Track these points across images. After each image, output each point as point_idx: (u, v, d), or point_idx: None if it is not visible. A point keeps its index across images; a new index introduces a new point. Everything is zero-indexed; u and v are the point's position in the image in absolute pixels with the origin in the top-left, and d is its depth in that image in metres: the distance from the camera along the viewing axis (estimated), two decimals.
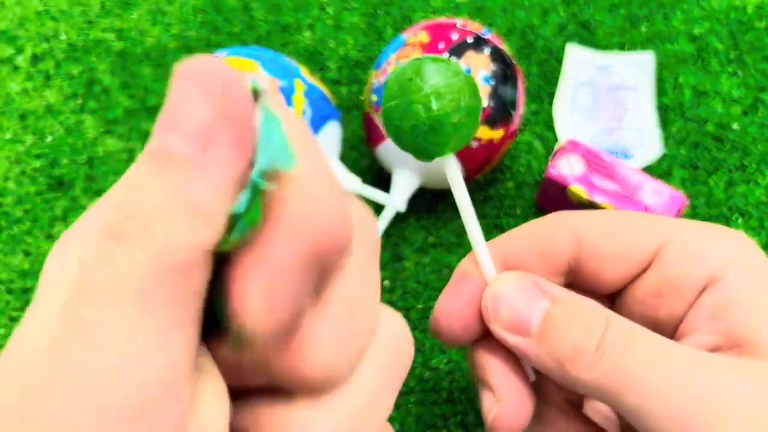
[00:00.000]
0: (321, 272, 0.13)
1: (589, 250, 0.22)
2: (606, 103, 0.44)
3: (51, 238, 0.40)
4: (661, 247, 0.21)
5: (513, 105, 0.36)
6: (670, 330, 0.22)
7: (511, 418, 0.21)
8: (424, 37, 0.36)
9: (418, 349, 0.36)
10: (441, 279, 0.39)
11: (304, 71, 0.37)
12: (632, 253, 0.22)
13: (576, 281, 0.23)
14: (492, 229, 0.40)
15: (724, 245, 0.21)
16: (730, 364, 0.19)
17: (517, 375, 0.22)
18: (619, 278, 0.22)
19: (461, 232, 0.40)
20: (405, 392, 0.35)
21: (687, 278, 0.21)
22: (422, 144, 0.21)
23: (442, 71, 0.20)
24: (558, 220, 0.23)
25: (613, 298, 0.23)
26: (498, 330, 0.21)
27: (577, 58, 0.46)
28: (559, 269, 0.23)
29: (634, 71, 0.45)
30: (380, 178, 0.43)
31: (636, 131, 0.43)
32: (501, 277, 0.22)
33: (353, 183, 0.36)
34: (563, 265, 0.22)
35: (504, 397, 0.21)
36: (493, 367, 0.22)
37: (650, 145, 0.42)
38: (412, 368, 0.36)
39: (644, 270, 0.22)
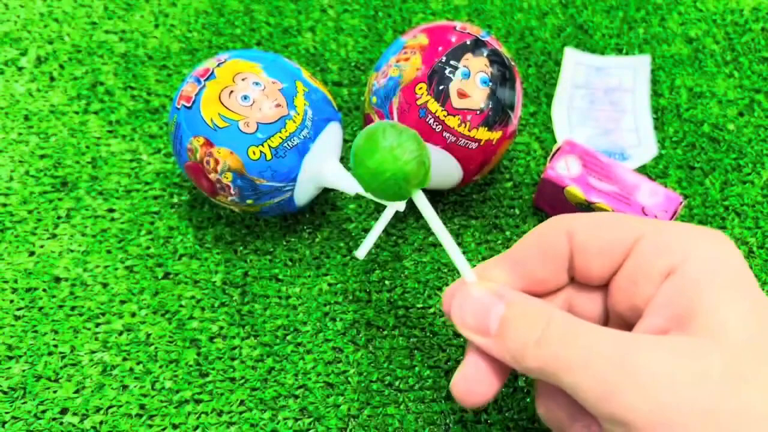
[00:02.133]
0: None
1: (578, 248, 0.25)
2: (603, 104, 0.45)
3: (55, 237, 0.40)
4: (636, 241, 0.24)
5: (511, 107, 0.37)
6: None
7: (464, 389, 0.25)
8: (424, 40, 0.37)
9: (418, 347, 0.37)
10: (440, 278, 0.39)
11: (305, 73, 0.37)
12: (612, 248, 0.24)
13: (575, 277, 0.26)
14: (491, 228, 0.41)
15: (691, 239, 0.23)
16: (655, 341, 0.21)
17: (488, 361, 0.25)
18: (604, 271, 0.25)
19: (460, 232, 0.41)
20: (405, 390, 0.36)
21: (653, 267, 0.23)
22: (395, 193, 0.27)
23: (395, 134, 0.26)
24: (555, 223, 0.26)
25: (606, 290, 0.26)
26: (466, 333, 0.25)
27: (574, 61, 0.47)
28: (561, 267, 0.26)
29: (631, 73, 0.46)
30: None
31: (632, 132, 0.44)
32: (465, 287, 0.26)
33: (354, 184, 0.37)
34: (563, 262, 0.26)
35: (467, 370, 0.25)
36: (473, 346, 0.26)
37: (646, 145, 0.43)
38: (412, 366, 0.36)
39: (623, 261, 0.24)
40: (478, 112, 0.35)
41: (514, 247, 0.27)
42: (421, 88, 0.35)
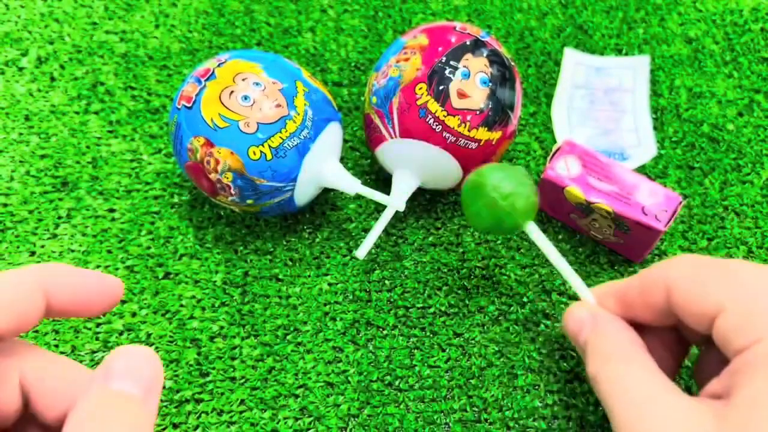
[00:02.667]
0: None
1: (675, 307, 0.28)
2: (603, 104, 0.45)
3: (55, 237, 0.41)
4: (719, 312, 0.26)
5: (511, 107, 0.37)
6: None
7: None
8: (424, 40, 0.37)
9: (418, 347, 0.37)
10: (440, 278, 0.39)
11: (305, 73, 0.37)
12: (700, 314, 0.27)
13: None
14: None
15: None
16: (681, 403, 0.25)
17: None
18: (699, 328, 0.27)
19: (459, 232, 0.41)
20: (405, 389, 0.36)
21: (731, 343, 0.26)
22: (504, 228, 0.33)
23: (506, 176, 0.32)
24: (656, 275, 0.29)
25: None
26: (567, 331, 0.32)
27: (573, 61, 0.47)
28: (657, 309, 0.29)
29: (630, 74, 0.46)
30: (380, 179, 0.43)
31: (632, 132, 0.44)
32: (576, 306, 0.32)
33: (353, 184, 0.37)
34: (660, 305, 0.29)
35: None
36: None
37: (646, 145, 0.43)
38: (412, 366, 0.36)
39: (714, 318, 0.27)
40: (477, 113, 0.35)
41: (620, 286, 0.31)
42: (421, 89, 0.35)
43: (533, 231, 0.33)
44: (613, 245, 0.39)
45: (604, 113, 0.45)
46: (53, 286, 0.25)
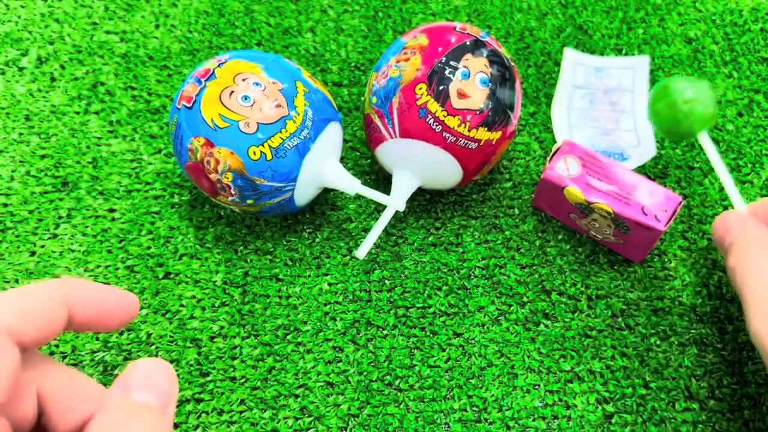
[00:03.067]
0: None
1: None
2: (602, 104, 0.45)
3: (56, 237, 0.41)
4: None
5: (511, 107, 0.37)
6: None
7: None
8: (424, 40, 0.37)
9: (418, 347, 0.37)
10: (440, 278, 0.39)
11: (305, 73, 0.38)
12: None
13: None
14: (490, 228, 0.41)
15: None
16: None
17: None
18: None
19: (459, 232, 0.41)
20: (405, 389, 0.36)
21: None
22: (679, 131, 0.36)
23: (692, 84, 0.36)
24: None
25: None
26: (715, 235, 0.34)
27: (573, 61, 0.47)
28: None
29: (630, 74, 0.46)
30: (380, 179, 0.43)
31: (632, 132, 0.44)
32: (726, 212, 0.34)
33: (354, 184, 0.37)
34: None
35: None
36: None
37: (646, 146, 0.43)
38: (412, 365, 0.36)
39: None
40: (477, 113, 0.35)
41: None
42: (421, 89, 0.35)
43: (704, 140, 0.36)
44: (613, 245, 0.39)
45: (603, 113, 0.45)
46: (75, 300, 0.25)
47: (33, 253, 0.40)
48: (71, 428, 0.25)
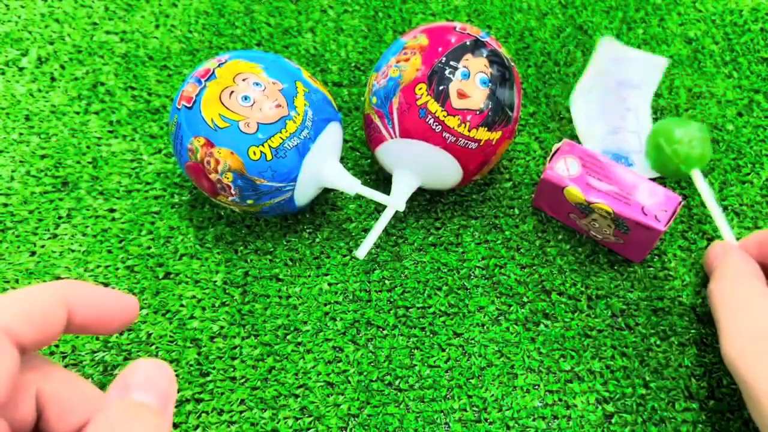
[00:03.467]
0: None
1: None
2: (611, 96, 0.44)
3: (56, 237, 0.41)
4: None
5: (511, 107, 0.37)
6: None
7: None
8: (424, 40, 0.37)
9: (418, 347, 0.37)
10: (440, 278, 0.39)
11: (305, 73, 0.38)
12: None
13: None
14: (490, 228, 0.41)
15: None
16: None
17: None
18: None
19: (459, 232, 0.41)
20: (405, 389, 0.36)
21: None
22: (669, 171, 0.39)
23: (679, 125, 0.38)
24: None
25: None
26: (705, 263, 0.36)
27: (608, 53, 0.45)
28: None
29: (644, 70, 0.45)
30: (380, 179, 0.43)
31: (635, 135, 0.43)
32: (716, 242, 0.36)
33: (354, 184, 0.37)
34: None
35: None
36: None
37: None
38: (412, 365, 0.36)
39: None
40: (477, 113, 0.35)
41: (762, 235, 0.34)
42: (420, 89, 0.35)
43: (696, 178, 0.37)
44: (613, 245, 0.39)
45: (612, 105, 0.44)
46: (75, 302, 0.26)
47: (33, 253, 0.40)
48: (69, 431, 0.25)
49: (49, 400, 0.25)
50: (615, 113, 0.44)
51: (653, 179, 0.42)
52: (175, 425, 0.35)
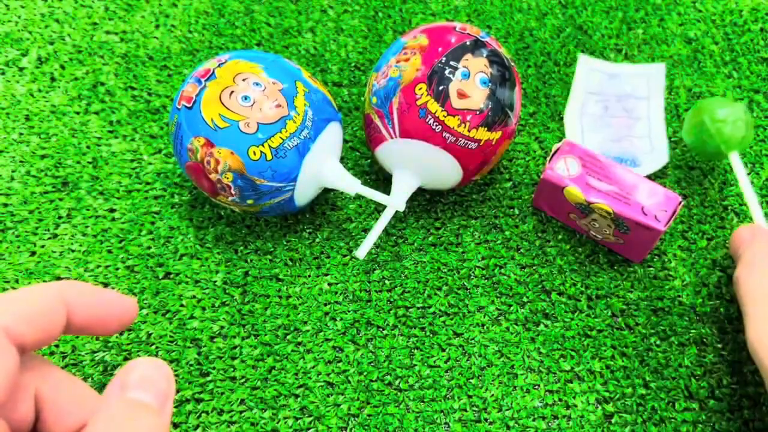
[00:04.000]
0: None
1: None
2: (616, 111, 0.45)
3: (56, 237, 0.41)
4: None
5: (511, 107, 0.37)
6: None
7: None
8: (424, 40, 0.37)
9: (418, 347, 0.37)
10: (440, 278, 0.39)
11: (305, 73, 0.38)
12: None
13: None
14: (490, 228, 0.41)
15: None
16: None
17: None
18: None
19: (459, 232, 0.41)
20: (405, 389, 0.36)
21: None
22: (708, 151, 0.39)
23: (723, 105, 0.38)
24: None
25: None
26: (731, 247, 0.35)
27: (587, 68, 0.46)
28: None
29: (644, 81, 0.46)
30: (380, 179, 0.43)
31: (645, 139, 0.43)
32: (743, 226, 0.35)
33: (354, 184, 0.37)
34: None
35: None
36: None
37: (659, 152, 0.43)
38: (412, 365, 0.36)
39: None
40: (477, 113, 0.35)
41: None
42: (420, 89, 0.35)
43: (735, 161, 0.37)
44: (613, 245, 0.39)
45: (617, 120, 0.44)
46: (75, 303, 0.26)
47: (33, 253, 0.40)
48: None
49: (47, 401, 0.25)
50: (620, 125, 0.44)
51: (652, 178, 0.42)
52: (175, 425, 0.35)
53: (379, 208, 0.42)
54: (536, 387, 0.36)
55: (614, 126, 0.44)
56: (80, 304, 0.26)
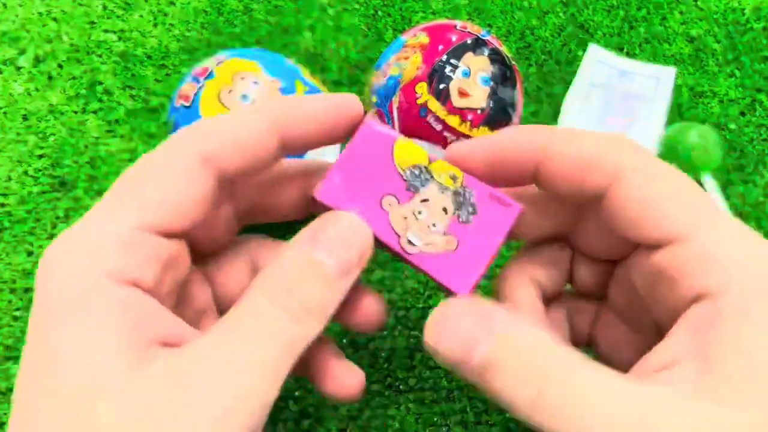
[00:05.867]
0: None
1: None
2: (618, 108, 0.44)
3: (53, 238, 0.40)
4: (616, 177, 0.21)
5: (512, 106, 0.37)
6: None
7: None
8: (424, 39, 0.36)
9: (418, 348, 0.37)
10: None
11: (304, 72, 0.37)
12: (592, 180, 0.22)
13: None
14: None
15: (739, 263, 0.19)
16: (684, 411, 0.17)
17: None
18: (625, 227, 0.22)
19: None
20: (404, 391, 0.35)
21: (680, 286, 0.20)
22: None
23: (691, 129, 0.41)
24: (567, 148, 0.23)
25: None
26: (444, 355, 0.20)
27: (595, 59, 0.46)
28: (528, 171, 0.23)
29: (654, 83, 0.45)
30: None
31: (638, 140, 0.43)
32: (452, 314, 0.21)
33: None
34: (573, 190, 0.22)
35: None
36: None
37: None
38: (412, 367, 0.36)
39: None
40: (478, 111, 0.35)
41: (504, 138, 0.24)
42: (421, 87, 0.35)
43: (707, 183, 0.39)
44: (436, 263, 0.23)
45: (613, 118, 0.44)
46: (287, 121, 0.22)
47: (30, 254, 0.40)
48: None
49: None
50: (618, 123, 0.44)
51: None
52: None
53: None
54: None
55: (609, 124, 0.44)
56: (295, 120, 0.22)
